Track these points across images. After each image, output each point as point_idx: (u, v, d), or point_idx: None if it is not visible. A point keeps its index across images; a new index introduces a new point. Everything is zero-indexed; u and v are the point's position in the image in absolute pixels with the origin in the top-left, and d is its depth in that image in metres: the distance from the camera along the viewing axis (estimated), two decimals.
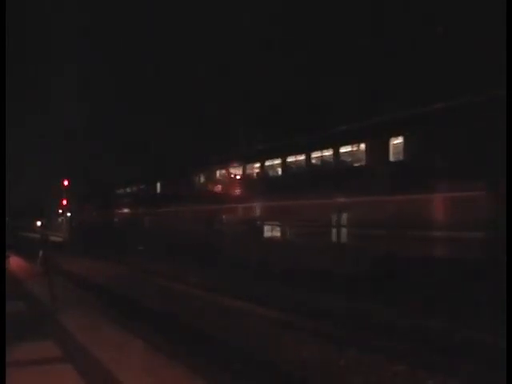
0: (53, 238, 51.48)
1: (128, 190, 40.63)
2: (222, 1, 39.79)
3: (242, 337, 9.59)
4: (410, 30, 23.82)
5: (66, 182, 53.85)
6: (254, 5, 34.81)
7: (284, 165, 19.23)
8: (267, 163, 20.33)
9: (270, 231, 19.99)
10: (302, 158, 18.39)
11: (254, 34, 33.74)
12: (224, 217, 23.07)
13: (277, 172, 20.00)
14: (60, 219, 67.24)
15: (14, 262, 21.44)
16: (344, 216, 16.27)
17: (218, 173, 24.34)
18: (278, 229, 19.57)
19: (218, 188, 24.10)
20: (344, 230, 16.34)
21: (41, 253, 20.68)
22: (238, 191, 22.11)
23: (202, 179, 26.14)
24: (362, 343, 8.91)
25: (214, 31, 39.73)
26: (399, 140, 14.50)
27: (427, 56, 22.21)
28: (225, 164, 23.47)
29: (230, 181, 22.98)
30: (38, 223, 76.37)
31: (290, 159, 19.11)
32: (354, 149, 16.43)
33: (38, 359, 6.90)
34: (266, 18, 33.55)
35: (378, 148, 14.97)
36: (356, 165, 16.28)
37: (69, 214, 60.03)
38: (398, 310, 11.32)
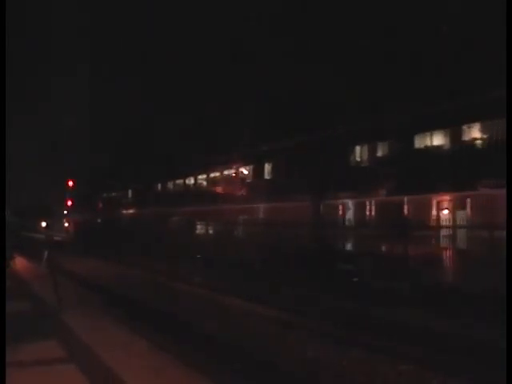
0: (56, 238, 52.08)
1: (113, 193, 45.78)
2: (222, 1, 39.79)
3: None
4: (410, 29, 23.76)
5: (70, 183, 53.99)
6: (254, 5, 34.79)
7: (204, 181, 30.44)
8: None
9: (199, 229, 29.50)
10: (216, 174, 28.36)
11: (254, 35, 33.77)
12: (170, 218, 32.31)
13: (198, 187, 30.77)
14: (64, 220, 67.64)
15: (19, 263, 21.49)
16: (239, 218, 24.55)
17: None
18: (201, 227, 29.27)
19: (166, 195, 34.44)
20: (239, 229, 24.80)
21: (46, 253, 20.73)
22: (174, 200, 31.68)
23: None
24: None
25: (213, 31, 39.73)
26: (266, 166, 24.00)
27: (427, 56, 22.14)
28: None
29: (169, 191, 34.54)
30: (43, 224, 76.53)
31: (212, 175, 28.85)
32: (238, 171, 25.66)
33: (41, 359, 6.91)
34: (267, 19, 33.55)
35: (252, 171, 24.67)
36: (238, 183, 25.20)
37: (65, 212, 60.73)
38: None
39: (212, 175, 28.62)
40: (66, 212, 60.46)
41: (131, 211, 40.32)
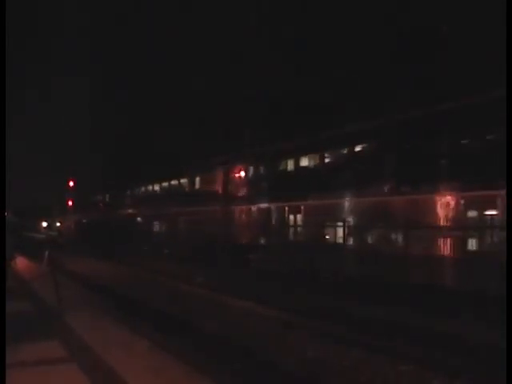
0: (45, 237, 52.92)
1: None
2: (223, 1, 39.75)
3: None
4: (409, 30, 23.76)
5: (71, 183, 54.00)
6: (254, 5, 34.77)
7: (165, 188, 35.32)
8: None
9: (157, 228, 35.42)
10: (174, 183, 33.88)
11: (254, 34, 33.74)
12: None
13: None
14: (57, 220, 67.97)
15: (20, 263, 21.52)
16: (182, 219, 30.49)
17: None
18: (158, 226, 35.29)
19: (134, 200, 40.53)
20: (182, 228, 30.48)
21: (46, 253, 20.76)
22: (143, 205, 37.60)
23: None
24: None
25: (214, 31, 39.69)
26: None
27: (428, 56, 22.15)
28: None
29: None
30: (44, 224, 76.52)
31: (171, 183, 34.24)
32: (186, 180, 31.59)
33: (42, 359, 6.91)
34: (267, 18, 33.52)
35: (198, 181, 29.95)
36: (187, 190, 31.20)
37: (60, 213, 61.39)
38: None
39: (165, 185, 35.94)
40: (63, 212, 60.64)
41: (109, 213, 45.55)
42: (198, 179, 29.54)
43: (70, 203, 55.82)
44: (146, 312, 12.03)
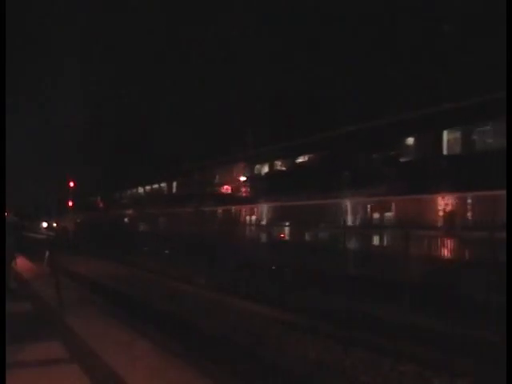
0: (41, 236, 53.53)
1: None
2: (223, 1, 39.76)
3: None
4: (410, 30, 23.75)
5: (71, 183, 53.98)
6: (254, 5, 34.77)
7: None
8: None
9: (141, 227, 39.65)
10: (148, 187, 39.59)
11: (254, 35, 33.75)
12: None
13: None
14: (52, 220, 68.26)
15: (20, 263, 21.47)
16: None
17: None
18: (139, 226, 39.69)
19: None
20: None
21: (47, 254, 20.73)
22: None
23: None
24: None
25: (214, 31, 39.69)
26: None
27: (428, 57, 22.13)
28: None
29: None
30: (44, 224, 76.47)
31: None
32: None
33: (43, 359, 6.88)
34: (267, 19, 33.53)
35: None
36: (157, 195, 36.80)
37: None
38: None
39: (147, 188, 40.20)
40: (63, 212, 60.76)
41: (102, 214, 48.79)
42: (173, 183, 34.90)
43: (70, 203, 55.82)
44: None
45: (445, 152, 14.84)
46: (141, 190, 41.68)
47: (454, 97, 14.66)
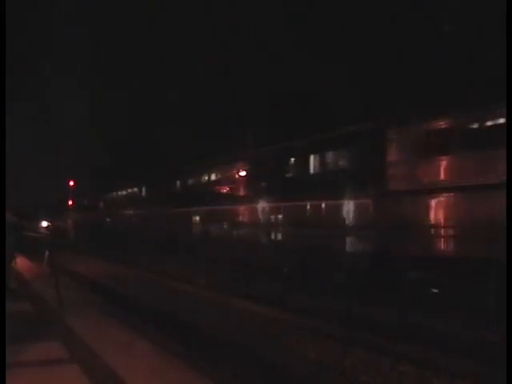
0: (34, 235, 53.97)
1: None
2: (223, 1, 39.77)
3: None
4: (410, 30, 23.74)
5: (71, 183, 53.97)
6: (254, 5, 34.78)
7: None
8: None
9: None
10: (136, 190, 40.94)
11: (254, 35, 33.78)
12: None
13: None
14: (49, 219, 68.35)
15: (20, 262, 21.47)
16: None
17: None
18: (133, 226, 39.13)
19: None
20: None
21: (47, 253, 20.73)
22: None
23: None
24: None
25: (214, 31, 39.72)
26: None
27: (429, 57, 22.12)
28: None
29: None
30: (44, 224, 76.41)
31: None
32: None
33: (43, 360, 6.88)
34: (267, 18, 33.53)
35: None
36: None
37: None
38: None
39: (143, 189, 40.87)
40: (63, 212, 60.75)
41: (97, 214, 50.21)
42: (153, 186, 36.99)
43: (70, 203, 55.80)
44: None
45: (311, 171, 19.64)
46: (140, 190, 41.79)
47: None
